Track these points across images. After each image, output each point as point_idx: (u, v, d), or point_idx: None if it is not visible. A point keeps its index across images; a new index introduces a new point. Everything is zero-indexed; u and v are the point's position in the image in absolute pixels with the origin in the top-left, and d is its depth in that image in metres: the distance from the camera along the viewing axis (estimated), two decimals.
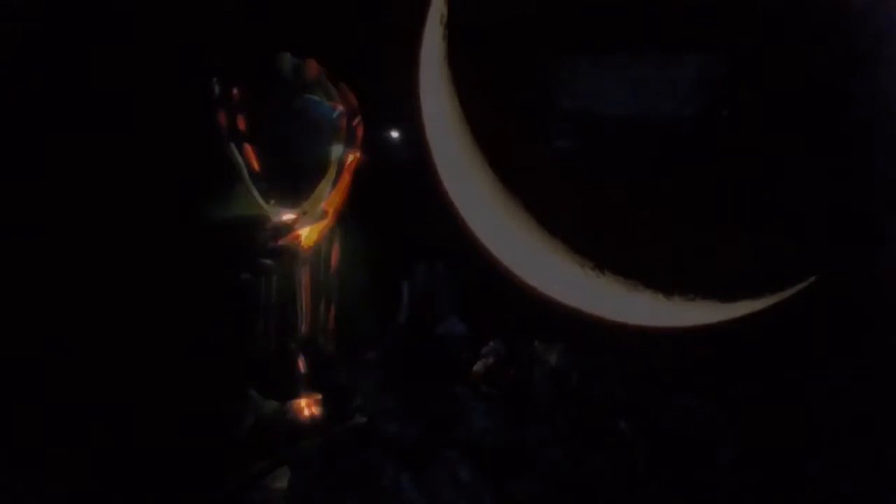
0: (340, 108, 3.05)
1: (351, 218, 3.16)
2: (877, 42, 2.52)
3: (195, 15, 2.92)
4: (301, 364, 3.16)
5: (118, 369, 3.00)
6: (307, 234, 3.09)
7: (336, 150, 3.05)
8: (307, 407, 3.17)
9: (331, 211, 3.10)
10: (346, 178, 3.09)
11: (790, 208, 2.57)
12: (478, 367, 3.21)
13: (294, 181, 3.04)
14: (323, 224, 3.10)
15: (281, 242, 3.04)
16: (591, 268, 2.64)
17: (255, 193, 3.02)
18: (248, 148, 3.00)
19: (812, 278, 2.64)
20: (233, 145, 2.98)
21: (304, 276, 3.10)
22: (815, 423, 2.91)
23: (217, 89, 2.97)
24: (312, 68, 3.03)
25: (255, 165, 3.01)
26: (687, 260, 2.59)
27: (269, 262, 3.04)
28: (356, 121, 3.07)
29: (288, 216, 3.05)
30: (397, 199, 3.15)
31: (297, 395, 3.16)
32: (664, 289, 2.63)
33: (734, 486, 2.95)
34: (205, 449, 3.05)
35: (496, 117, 2.66)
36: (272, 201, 3.03)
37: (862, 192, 2.59)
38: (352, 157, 3.07)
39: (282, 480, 3.07)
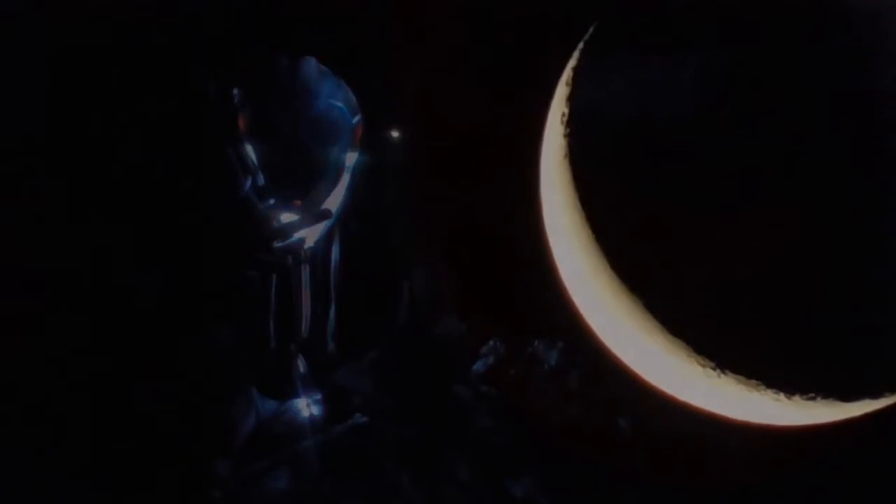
0: (342, 106, 3.04)
1: (351, 218, 3.15)
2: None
3: (195, 13, 2.91)
4: (301, 364, 3.16)
5: (118, 369, 3.00)
6: (307, 233, 3.08)
7: (337, 149, 3.04)
8: (307, 407, 3.16)
9: (331, 211, 3.09)
10: (346, 178, 3.08)
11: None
12: (478, 367, 3.21)
13: (295, 181, 3.03)
14: (323, 224, 3.09)
15: (282, 242, 3.03)
16: (711, 368, 2.65)
17: (257, 193, 3.00)
18: (249, 147, 2.99)
19: None
20: (234, 144, 2.97)
21: (304, 276, 3.09)
22: None
23: (219, 88, 2.95)
24: (314, 67, 3.02)
25: (257, 164, 3.00)
26: (808, 358, 2.59)
27: (270, 261, 3.03)
28: (356, 120, 3.06)
29: (289, 216, 3.04)
30: (397, 199, 3.15)
31: (297, 395, 3.15)
32: (785, 388, 2.63)
33: None
34: (205, 449, 3.05)
35: (617, 218, 2.67)
36: (272, 201, 3.02)
37: None
38: (352, 157, 3.07)
39: (282, 480, 3.08)
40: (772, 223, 2.53)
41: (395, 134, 3.16)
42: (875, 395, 2.69)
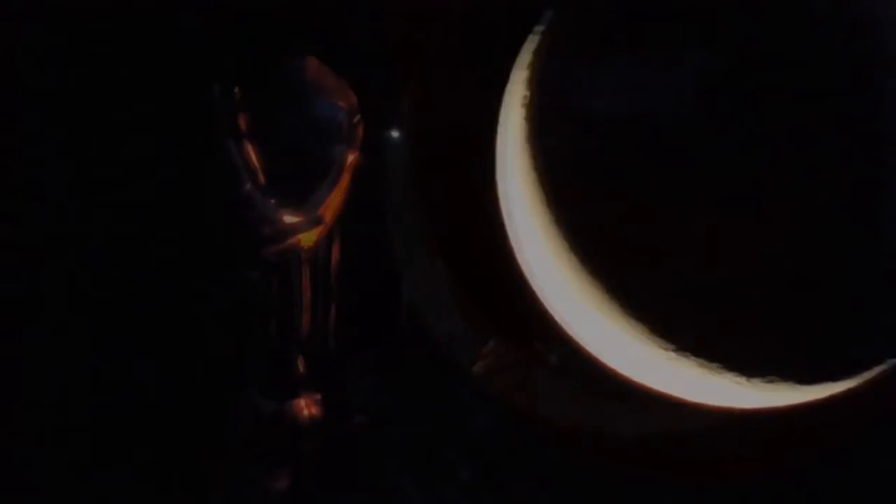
0: (342, 106, 3.03)
1: (351, 218, 3.15)
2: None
3: (197, 13, 2.91)
4: (301, 364, 3.15)
5: (118, 368, 3.00)
6: (308, 233, 3.07)
7: (338, 149, 3.04)
8: (307, 407, 3.16)
9: (331, 211, 3.09)
10: (346, 178, 3.08)
11: (873, 282, 2.56)
12: (478, 367, 3.21)
13: (296, 181, 3.03)
14: (324, 223, 3.09)
15: (283, 242, 3.03)
16: (672, 350, 2.66)
17: (257, 192, 3.00)
18: (250, 147, 2.99)
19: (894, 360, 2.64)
20: (236, 144, 2.97)
21: (304, 276, 3.08)
22: None
23: (221, 88, 2.95)
24: (315, 66, 3.02)
25: (258, 164, 3.00)
26: (767, 341, 2.61)
27: (270, 261, 3.03)
28: (356, 119, 3.06)
29: (289, 216, 3.04)
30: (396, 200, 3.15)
31: (297, 395, 3.15)
32: (745, 371, 2.63)
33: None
34: (204, 449, 3.05)
35: (578, 202, 2.68)
36: (273, 201, 3.02)
37: None
38: (351, 157, 3.06)
39: (282, 480, 3.08)
40: (731, 207, 2.54)
41: (395, 134, 3.16)
42: (835, 378, 2.70)
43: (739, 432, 2.92)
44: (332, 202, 3.05)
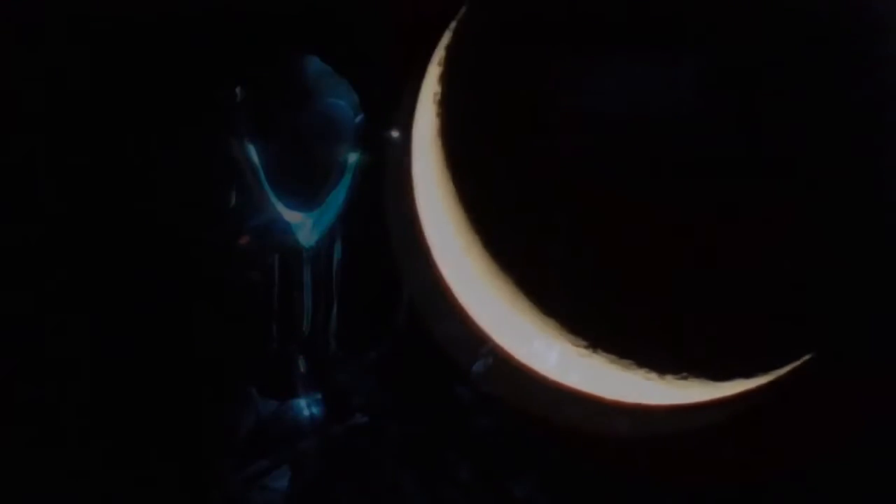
0: (344, 105, 3.04)
1: (352, 217, 3.15)
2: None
3: (207, 13, 2.91)
4: (302, 364, 3.15)
5: (117, 368, 3.00)
6: (310, 233, 3.08)
7: (340, 148, 3.04)
8: (307, 407, 3.16)
9: (333, 210, 3.09)
10: (348, 177, 3.09)
11: (784, 280, 2.58)
12: (477, 366, 3.20)
13: (301, 180, 3.03)
14: (326, 223, 3.10)
15: (285, 241, 3.04)
16: (584, 346, 2.67)
17: (264, 192, 3.00)
18: (251, 146, 3.00)
19: (807, 356, 2.64)
20: (242, 144, 2.97)
21: (305, 276, 3.08)
22: None
23: (229, 88, 2.95)
24: (316, 65, 3.02)
25: (264, 164, 3.00)
26: (679, 338, 2.62)
27: (272, 261, 3.03)
28: (358, 119, 3.06)
29: (293, 215, 3.05)
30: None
31: (297, 395, 3.15)
32: (657, 367, 2.64)
33: None
34: (205, 449, 3.04)
35: (490, 196, 2.69)
36: (278, 200, 3.02)
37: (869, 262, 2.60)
38: (354, 156, 3.07)
39: (282, 480, 3.07)
40: (645, 205, 2.56)
41: (395, 134, 3.16)
42: (747, 375, 2.71)
43: (740, 432, 2.92)
44: (336, 200, 3.06)
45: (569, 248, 2.61)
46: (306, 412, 3.17)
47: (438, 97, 2.78)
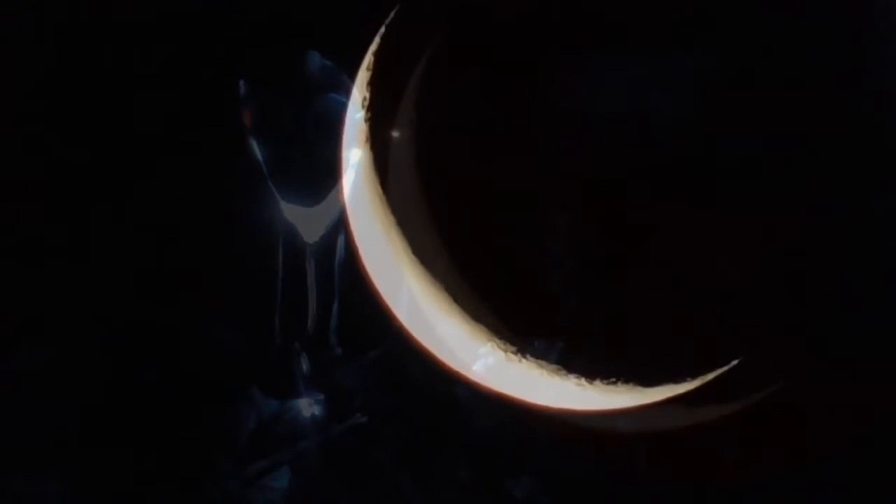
0: (346, 102, 3.04)
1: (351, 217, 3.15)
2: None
3: (212, 10, 2.92)
4: (304, 363, 3.15)
5: (117, 368, 2.99)
6: (312, 231, 3.08)
7: (342, 145, 3.04)
8: (309, 407, 3.16)
9: (336, 209, 3.09)
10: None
11: (713, 286, 2.59)
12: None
13: (301, 176, 3.03)
14: (329, 221, 3.09)
15: (288, 238, 3.03)
16: (512, 353, 2.69)
17: (270, 190, 3.00)
18: (254, 142, 2.99)
19: (735, 361, 2.65)
20: (250, 142, 2.97)
21: (309, 273, 3.08)
22: None
23: (238, 85, 2.96)
24: (318, 61, 3.02)
25: (262, 159, 3.00)
26: (607, 342, 2.67)
27: (274, 259, 3.03)
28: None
29: (297, 214, 3.04)
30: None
31: (299, 395, 3.15)
32: (586, 373, 2.65)
33: None
34: (205, 449, 3.04)
35: (417, 200, 2.74)
36: (283, 199, 3.02)
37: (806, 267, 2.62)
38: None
39: (282, 480, 3.07)
40: (574, 201, 2.58)
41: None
42: (676, 380, 2.72)
43: (739, 432, 2.93)
44: (339, 199, 3.06)
45: (498, 255, 2.64)
46: (308, 412, 3.16)
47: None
